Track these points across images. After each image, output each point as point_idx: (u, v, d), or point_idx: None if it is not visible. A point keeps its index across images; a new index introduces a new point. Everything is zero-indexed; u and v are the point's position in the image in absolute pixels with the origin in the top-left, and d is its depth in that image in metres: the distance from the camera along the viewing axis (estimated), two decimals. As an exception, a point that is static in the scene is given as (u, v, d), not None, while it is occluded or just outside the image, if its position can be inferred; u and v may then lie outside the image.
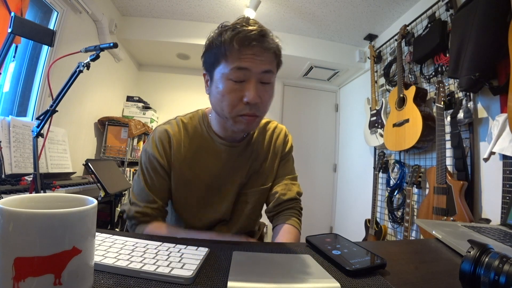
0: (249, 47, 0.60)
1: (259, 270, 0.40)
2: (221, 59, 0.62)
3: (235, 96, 0.62)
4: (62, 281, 0.26)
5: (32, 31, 1.05)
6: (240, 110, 0.63)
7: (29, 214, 0.25)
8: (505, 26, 1.24)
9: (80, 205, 0.28)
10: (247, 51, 0.60)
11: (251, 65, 0.60)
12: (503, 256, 0.33)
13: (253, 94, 0.60)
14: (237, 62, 0.60)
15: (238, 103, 0.62)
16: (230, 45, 0.59)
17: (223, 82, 0.62)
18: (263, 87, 0.63)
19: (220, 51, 0.61)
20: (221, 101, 0.63)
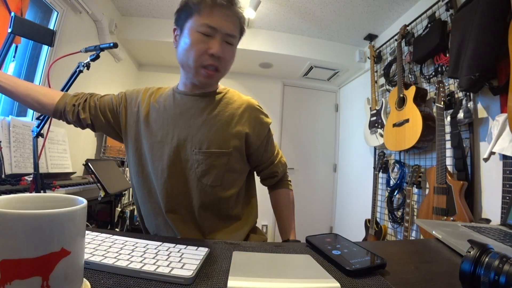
0: (220, 8, 0.68)
1: (259, 270, 0.40)
2: (194, 13, 0.69)
3: (201, 48, 0.69)
4: (50, 284, 0.25)
5: (32, 31, 1.05)
6: (204, 60, 0.70)
7: (15, 215, 0.24)
8: (505, 26, 1.24)
9: (70, 205, 0.27)
10: (217, 11, 0.68)
11: (219, 25, 0.69)
12: (503, 256, 0.33)
13: (218, 48, 0.69)
14: (207, 20, 0.68)
15: (203, 54, 0.69)
16: (204, 1, 0.68)
17: (193, 34, 0.69)
18: (227, 46, 0.72)
19: (194, 7, 0.69)
20: (188, 51, 0.70)
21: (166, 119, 0.78)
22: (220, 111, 0.78)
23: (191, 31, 0.69)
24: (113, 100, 0.83)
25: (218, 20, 0.69)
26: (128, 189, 2.27)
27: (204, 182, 0.75)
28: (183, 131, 0.76)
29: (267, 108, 3.54)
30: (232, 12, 0.70)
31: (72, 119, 0.80)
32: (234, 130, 0.78)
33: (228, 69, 0.76)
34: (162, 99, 0.81)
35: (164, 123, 0.77)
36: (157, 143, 0.77)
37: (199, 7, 0.68)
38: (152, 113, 0.80)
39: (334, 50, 2.85)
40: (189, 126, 0.76)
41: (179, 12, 0.74)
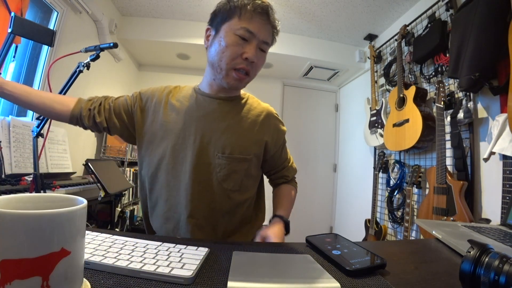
0: (260, 15, 0.70)
1: (259, 270, 0.40)
2: (233, 16, 0.70)
3: (237, 50, 0.70)
4: (50, 284, 0.25)
5: (32, 31, 1.05)
6: (238, 63, 0.71)
7: (15, 215, 0.24)
8: (505, 26, 1.24)
9: (70, 205, 0.27)
10: (257, 18, 0.70)
11: (257, 31, 0.70)
12: (503, 256, 0.33)
13: (253, 52, 0.70)
14: (247, 24, 0.69)
15: (237, 57, 0.70)
16: (247, 7, 0.69)
17: (229, 36, 0.70)
18: (260, 53, 0.73)
19: (235, 9, 0.70)
20: (222, 52, 0.71)
21: (188, 121, 0.77)
22: (243, 117, 0.80)
23: (228, 33, 0.70)
24: (127, 101, 0.82)
25: (257, 26, 0.70)
26: (128, 189, 2.27)
27: (225, 186, 0.77)
28: (206, 134, 0.76)
29: (267, 108, 3.48)
30: (269, 22, 0.72)
31: (88, 124, 0.79)
32: (255, 137, 0.80)
33: (256, 75, 0.77)
34: (182, 99, 0.81)
35: (185, 124, 0.77)
36: (178, 145, 0.76)
37: (240, 11, 0.70)
38: (171, 113, 0.79)
39: (334, 50, 2.85)
40: (212, 129, 0.76)
41: (216, 13, 0.75)
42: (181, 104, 0.79)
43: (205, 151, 0.75)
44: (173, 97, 0.82)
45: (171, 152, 0.76)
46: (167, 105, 0.80)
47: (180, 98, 0.81)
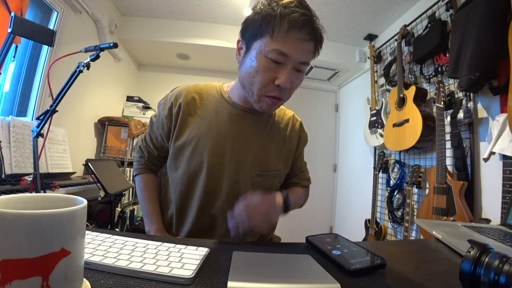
0: (297, 32, 0.59)
1: (259, 270, 0.40)
2: (265, 34, 0.60)
3: (268, 76, 0.62)
4: (50, 284, 0.25)
5: (32, 31, 1.05)
6: (269, 90, 0.64)
7: (15, 215, 0.24)
8: (505, 26, 1.24)
9: (70, 205, 0.27)
10: (294, 34, 0.59)
11: (292, 52, 0.60)
12: (503, 256, 0.33)
13: (286, 79, 0.61)
14: (280, 45, 0.59)
15: (269, 83, 0.63)
16: (281, 23, 0.58)
17: (260, 59, 0.61)
18: (296, 74, 0.64)
19: (268, 26, 0.59)
20: (252, 76, 0.63)
21: (222, 137, 0.71)
22: (275, 131, 0.78)
23: (259, 55, 0.61)
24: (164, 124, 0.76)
25: (292, 47, 0.59)
26: (128, 189, 2.27)
27: None
28: (242, 151, 0.72)
29: (267, 108, 3.47)
30: (310, 36, 0.60)
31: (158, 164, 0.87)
32: (286, 150, 0.80)
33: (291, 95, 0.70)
34: (212, 110, 0.74)
35: (220, 141, 0.71)
36: (213, 164, 0.71)
37: (273, 28, 0.58)
38: (201, 126, 0.72)
39: (334, 50, 2.85)
40: (248, 146, 0.73)
41: (247, 24, 0.65)
42: (211, 117, 0.73)
43: (242, 170, 0.72)
44: (200, 107, 0.75)
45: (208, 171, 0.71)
46: (194, 118, 0.73)
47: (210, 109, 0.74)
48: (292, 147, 0.82)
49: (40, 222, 0.25)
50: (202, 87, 0.79)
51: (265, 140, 0.76)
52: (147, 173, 0.86)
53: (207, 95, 0.76)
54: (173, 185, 0.77)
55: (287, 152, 0.81)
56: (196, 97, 0.75)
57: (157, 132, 0.79)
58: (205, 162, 0.71)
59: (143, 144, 0.84)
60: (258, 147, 0.74)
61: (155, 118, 0.81)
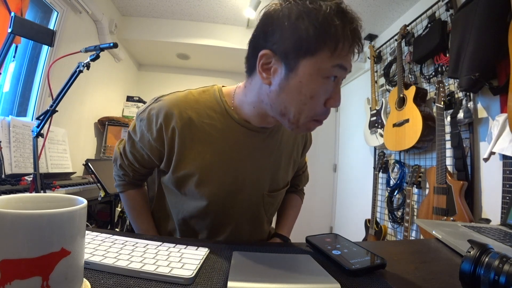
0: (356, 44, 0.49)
1: (259, 270, 0.40)
2: (322, 48, 0.47)
3: (322, 100, 0.51)
4: (50, 284, 0.25)
5: (32, 31, 1.05)
6: (319, 114, 0.53)
7: (15, 215, 0.24)
8: (505, 26, 1.24)
9: (70, 205, 0.27)
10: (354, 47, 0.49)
11: (349, 65, 0.50)
12: (503, 256, 0.33)
13: (339, 99, 0.52)
14: (343, 59, 0.48)
15: (321, 105, 0.52)
16: (344, 34, 0.46)
17: (315, 81, 0.49)
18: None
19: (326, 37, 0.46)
20: (303, 104, 0.50)
21: (231, 164, 0.63)
22: (283, 146, 0.70)
23: (313, 76, 0.48)
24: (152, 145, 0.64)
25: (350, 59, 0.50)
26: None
27: (269, 218, 0.77)
28: (254, 175, 0.66)
29: (267, 108, 3.48)
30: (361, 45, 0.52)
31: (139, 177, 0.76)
32: (294, 160, 0.75)
33: None
34: (217, 134, 0.62)
35: (229, 169, 0.63)
36: (224, 193, 0.64)
37: (336, 43, 0.46)
38: (205, 155, 0.62)
39: (334, 50, 2.85)
40: (260, 169, 0.66)
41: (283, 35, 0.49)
42: (218, 141, 0.62)
43: (254, 192, 0.68)
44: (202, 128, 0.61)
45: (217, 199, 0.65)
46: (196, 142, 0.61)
47: (213, 130, 0.62)
48: (299, 153, 0.78)
49: (40, 222, 0.25)
50: (197, 98, 0.63)
51: (276, 158, 0.69)
52: (134, 189, 0.76)
53: (206, 110, 0.62)
54: (176, 208, 0.70)
55: (294, 161, 0.76)
56: (193, 116, 0.61)
57: (142, 151, 0.66)
58: (216, 193, 0.64)
59: (124, 162, 0.70)
60: (270, 167, 0.68)
61: (136, 136, 0.65)
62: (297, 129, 0.55)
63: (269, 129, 0.65)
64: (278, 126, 0.67)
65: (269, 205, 0.72)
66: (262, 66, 0.52)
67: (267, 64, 0.52)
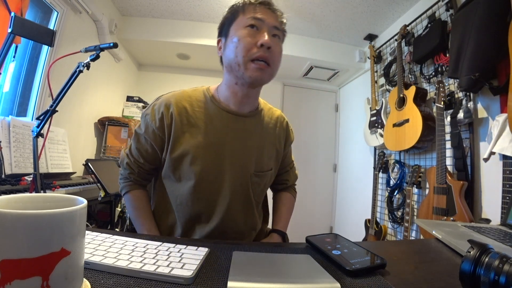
0: (263, 6, 0.71)
1: (259, 270, 0.40)
2: (239, 13, 0.71)
3: (250, 40, 0.68)
4: (50, 284, 0.25)
5: (32, 31, 1.05)
6: (254, 53, 0.68)
7: (15, 215, 0.24)
8: (505, 26, 1.24)
9: (70, 205, 0.27)
10: (260, 8, 0.70)
11: (265, 17, 0.70)
12: (503, 256, 0.33)
13: (267, 37, 0.67)
14: (253, 13, 0.70)
15: (252, 46, 0.68)
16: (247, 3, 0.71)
17: (240, 31, 0.69)
18: (274, 38, 0.71)
19: (238, 8, 0.72)
20: (236, 48, 0.68)
21: (220, 145, 0.74)
22: (265, 131, 0.82)
23: (238, 29, 0.70)
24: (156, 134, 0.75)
25: (264, 14, 0.70)
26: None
27: (257, 200, 0.82)
28: (240, 155, 0.76)
29: (267, 108, 3.41)
30: (274, 10, 0.72)
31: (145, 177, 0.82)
32: (276, 149, 0.85)
33: (278, 66, 0.73)
34: (205, 118, 0.75)
35: (218, 149, 0.74)
36: (215, 172, 0.73)
37: (243, 7, 0.71)
38: (197, 135, 0.73)
39: (334, 50, 2.85)
40: (244, 150, 0.76)
41: (222, 23, 0.76)
42: (206, 125, 0.74)
43: (241, 172, 0.76)
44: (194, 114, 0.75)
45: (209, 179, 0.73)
46: (189, 125, 0.74)
47: (202, 116, 0.75)
48: (281, 145, 0.87)
49: (40, 222, 0.25)
50: (190, 93, 0.78)
51: (258, 141, 0.79)
52: (138, 189, 0.81)
53: (197, 102, 0.77)
54: (174, 196, 0.77)
55: (277, 150, 0.85)
56: (187, 106, 0.75)
57: (146, 144, 0.76)
58: (207, 170, 0.73)
59: (130, 160, 0.78)
60: (254, 149, 0.78)
61: (141, 130, 0.76)
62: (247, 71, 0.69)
63: (250, 115, 0.79)
64: (256, 113, 0.81)
65: (256, 185, 0.79)
66: (219, 48, 0.76)
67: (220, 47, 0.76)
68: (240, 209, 0.77)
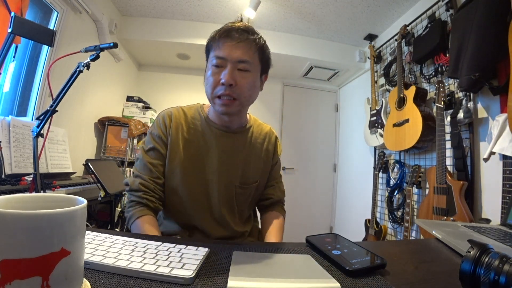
0: (227, 38, 0.71)
1: (259, 270, 0.40)
2: (211, 50, 0.75)
3: (215, 79, 0.72)
4: (50, 284, 0.25)
5: (32, 31, 1.05)
6: (218, 90, 0.72)
7: (15, 215, 0.24)
8: (505, 26, 1.24)
9: (70, 205, 0.27)
10: (226, 42, 0.71)
11: (227, 54, 0.71)
12: (503, 256, 0.33)
13: (227, 76, 0.70)
14: (217, 51, 0.72)
15: (216, 85, 0.72)
16: (214, 38, 0.73)
17: (209, 68, 0.74)
18: (240, 73, 0.72)
19: (209, 45, 0.76)
20: (206, 84, 0.75)
21: (210, 158, 0.81)
22: (253, 146, 0.86)
23: (208, 66, 0.75)
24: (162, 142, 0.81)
25: (227, 50, 0.71)
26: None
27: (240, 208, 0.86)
28: (228, 168, 0.81)
29: (267, 108, 3.51)
30: (243, 40, 0.72)
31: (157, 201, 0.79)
32: (264, 163, 0.88)
33: (249, 97, 0.76)
34: (198, 133, 0.82)
35: (209, 161, 0.80)
36: (204, 180, 0.80)
37: (212, 43, 0.75)
38: (190, 149, 0.80)
39: (334, 50, 2.85)
40: (233, 163, 0.82)
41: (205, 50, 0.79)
42: (198, 139, 0.81)
43: (228, 183, 0.82)
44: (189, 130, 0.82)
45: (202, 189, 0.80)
46: (182, 141, 0.81)
47: (196, 131, 0.82)
48: (269, 159, 0.90)
49: (40, 222, 0.25)
50: (186, 111, 0.85)
51: (245, 156, 0.84)
52: (151, 215, 0.75)
53: (191, 119, 0.83)
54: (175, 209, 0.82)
55: (264, 164, 0.89)
56: (183, 123, 0.82)
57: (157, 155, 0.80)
58: (196, 181, 0.79)
59: (143, 179, 0.77)
60: (240, 162, 0.83)
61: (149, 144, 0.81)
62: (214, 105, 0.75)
63: (238, 132, 0.84)
64: (245, 130, 0.86)
65: (239, 195, 0.84)
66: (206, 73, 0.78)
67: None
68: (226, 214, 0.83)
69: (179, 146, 0.80)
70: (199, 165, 0.80)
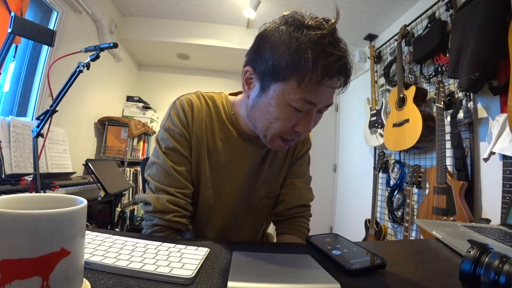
0: (331, 81, 0.50)
1: (259, 270, 0.40)
2: (290, 79, 0.50)
3: (289, 124, 0.55)
4: (50, 284, 0.25)
5: (32, 31, 1.05)
6: (287, 134, 0.57)
7: (15, 215, 0.24)
8: (505, 26, 1.24)
9: (70, 205, 0.27)
10: (328, 84, 0.50)
11: (322, 100, 0.52)
12: (503, 256, 0.33)
13: (308, 127, 0.55)
14: (309, 94, 0.50)
15: (288, 129, 0.56)
16: (313, 70, 0.47)
17: (282, 107, 0.52)
18: (318, 115, 0.58)
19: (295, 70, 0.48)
20: (270, 122, 0.56)
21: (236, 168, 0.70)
22: (278, 157, 0.75)
23: (281, 101, 0.52)
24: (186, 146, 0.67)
25: (323, 95, 0.52)
26: (128, 189, 2.27)
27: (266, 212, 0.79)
28: (255, 180, 0.73)
29: (267, 108, 3.49)
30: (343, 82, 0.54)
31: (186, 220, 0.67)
32: (285, 169, 0.77)
33: None
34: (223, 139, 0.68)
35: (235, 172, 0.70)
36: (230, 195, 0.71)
37: (302, 76, 0.48)
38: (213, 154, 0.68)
39: (334, 50, 2.85)
40: (260, 174, 0.72)
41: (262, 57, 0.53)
42: (225, 145, 0.68)
43: (254, 195, 0.73)
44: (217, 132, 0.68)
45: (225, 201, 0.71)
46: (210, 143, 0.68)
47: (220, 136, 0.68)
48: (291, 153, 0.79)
49: (40, 222, 0.25)
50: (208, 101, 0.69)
51: (275, 165, 0.74)
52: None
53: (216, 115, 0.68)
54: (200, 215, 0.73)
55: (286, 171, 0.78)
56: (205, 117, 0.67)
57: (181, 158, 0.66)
58: (223, 193, 0.70)
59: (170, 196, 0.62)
60: (268, 173, 0.74)
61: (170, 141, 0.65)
62: (270, 143, 0.60)
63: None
64: None
65: (266, 206, 0.77)
66: (246, 80, 0.59)
67: (250, 79, 0.58)
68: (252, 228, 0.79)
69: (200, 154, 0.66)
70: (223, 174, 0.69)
